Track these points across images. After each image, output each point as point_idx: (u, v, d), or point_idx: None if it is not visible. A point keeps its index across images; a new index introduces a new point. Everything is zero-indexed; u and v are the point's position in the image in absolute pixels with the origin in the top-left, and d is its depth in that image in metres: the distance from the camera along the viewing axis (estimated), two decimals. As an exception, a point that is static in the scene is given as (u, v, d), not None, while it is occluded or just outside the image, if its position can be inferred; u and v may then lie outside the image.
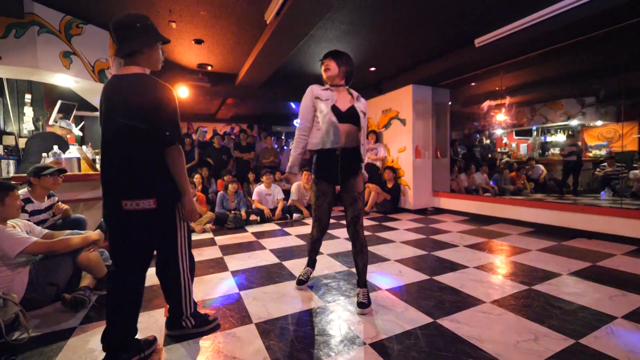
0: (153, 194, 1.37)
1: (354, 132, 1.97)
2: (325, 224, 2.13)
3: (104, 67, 3.70)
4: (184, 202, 1.47)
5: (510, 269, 2.64)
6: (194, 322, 1.68)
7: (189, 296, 1.64)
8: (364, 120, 2.01)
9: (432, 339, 1.61)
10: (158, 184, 1.39)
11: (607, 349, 1.50)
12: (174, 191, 1.45)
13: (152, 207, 1.36)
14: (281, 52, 4.22)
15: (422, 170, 5.70)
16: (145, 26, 1.43)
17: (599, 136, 9.47)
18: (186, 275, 1.60)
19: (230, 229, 4.42)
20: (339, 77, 2.01)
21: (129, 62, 1.44)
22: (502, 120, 6.14)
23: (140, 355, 1.46)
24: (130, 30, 1.40)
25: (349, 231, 2.00)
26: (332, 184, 2.05)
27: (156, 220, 1.42)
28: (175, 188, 1.45)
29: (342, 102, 1.99)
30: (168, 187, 1.43)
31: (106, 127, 1.39)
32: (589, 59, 5.14)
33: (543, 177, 7.71)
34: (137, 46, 1.41)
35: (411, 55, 4.83)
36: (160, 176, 1.40)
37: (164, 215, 1.45)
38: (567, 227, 3.83)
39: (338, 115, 1.93)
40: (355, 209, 1.97)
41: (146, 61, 1.47)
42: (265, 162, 6.70)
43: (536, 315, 1.83)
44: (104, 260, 2.33)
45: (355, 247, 1.98)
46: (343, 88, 2.05)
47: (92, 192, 3.23)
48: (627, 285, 2.25)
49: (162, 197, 1.40)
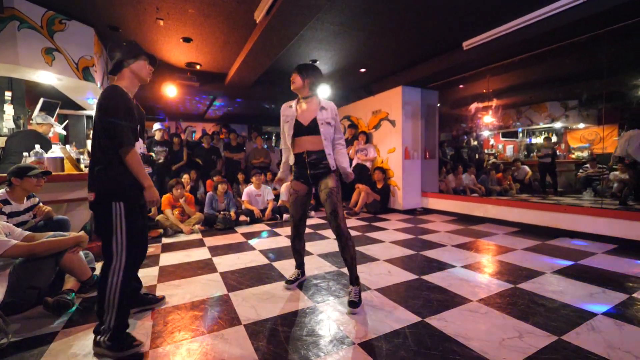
0: (94, 189, 1.55)
1: (317, 141, 2.09)
2: (298, 221, 2.21)
3: (89, 65, 3.61)
4: (145, 195, 1.63)
5: (496, 267, 2.70)
6: (109, 344, 1.49)
7: (113, 305, 1.50)
8: (328, 128, 2.10)
9: (421, 337, 1.63)
10: (99, 181, 1.55)
11: (588, 344, 1.55)
12: (117, 189, 1.56)
13: (91, 199, 1.55)
14: (271, 52, 4.20)
15: (411, 171, 5.76)
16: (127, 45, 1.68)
17: (581, 138, 9.77)
18: (116, 277, 1.51)
19: (219, 229, 4.37)
20: (304, 89, 2.13)
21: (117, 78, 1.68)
22: (489, 122, 6.28)
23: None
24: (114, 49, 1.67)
25: (332, 227, 2.04)
26: (305, 184, 2.17)
27: (97, 213, 1.58)
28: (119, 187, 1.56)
29: (306, 114, 2.12)
30: (109, 185, 1.55)
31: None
32: (572, 63, 5.31)
33: (528, 177, 7.91)
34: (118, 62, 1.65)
35: (401, 57, 4.88)
36: (103, 175, 1.55)
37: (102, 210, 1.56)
38: (550, 227, 3.94)
39: (299, 128, 2.11)
40: (331, 203, 2.02)
41: (132, 73, 1.68)
42: (255, 163, 6.65)
43: (521, 313, 1.87)
44: (89, 263, 2.27)
45: (340, 241, 2.01)
46: (311, 98, 2.16)
47: (76, 193, 3.14)
48: (607, 282, 2.33)
49: (100, 193, 1.55)
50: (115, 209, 1.54)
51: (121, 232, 1.54)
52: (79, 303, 2.08)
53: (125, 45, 1.67)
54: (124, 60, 1.65)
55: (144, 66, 1.71)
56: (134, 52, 1.67)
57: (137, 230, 1.60)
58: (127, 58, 1.66)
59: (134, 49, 1.68)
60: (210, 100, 7.69)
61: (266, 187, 5.23)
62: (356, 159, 6.11)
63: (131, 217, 1.57)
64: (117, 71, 1.68)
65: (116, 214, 1.54)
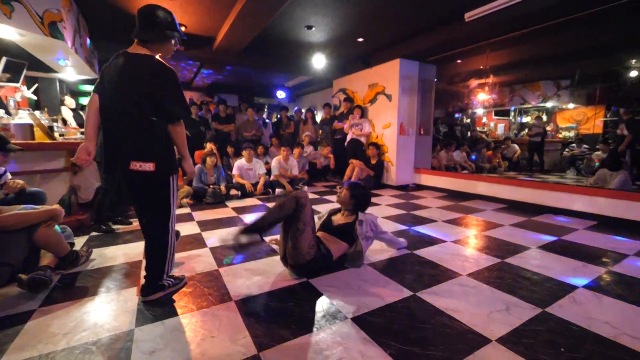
0: (152, 158, 1.58)
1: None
2: None
3: (56, 19, 3.22)
4: (185, 166, 1.78)
5: (485, 243, 2.75)
6: (173, 281, 1.77)
7: (172, 256, 1.74)
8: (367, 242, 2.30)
9: (413, 311, 1.65)
10: (157, 152, 1.60)
11: (570, 316, 1.61)
12: (170, 159, 1.65)
13: (151, 169, 1.58)
14: (263, 14, 3.92)
15: (405, 148, 5.72)
16: (165, 22, 1.62)
17: (569, 119, 9.86)
18: (172, 234, 1.72)
19: (209, 203, 4.29)
20: (349, 204, 2.33)
21: (142, 44, 1.62)
22: (486, 99, 6.21)
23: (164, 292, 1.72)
24: (153, 22, 1.60)
25: None
26: None
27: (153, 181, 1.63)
28: (172, 157, 1.67)
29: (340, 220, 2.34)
30: (166, 155, 1.63)
31: (112, 96, 1.58)
32: (571, 41, 5.19)
33: (517, 156, 8.03)
34: (156, 35, 1.61)
35: (400, 27, 4.66)
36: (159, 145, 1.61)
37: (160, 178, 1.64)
38: (536, 204, 4.03)
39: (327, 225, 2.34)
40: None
41: (157, 49, 1.66)
42: (247, 136, 6.47)
43: (508, 287, 1.92)
44: (67, 238, 2.17)
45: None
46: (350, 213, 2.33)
47: (50, 163, 2.95)
48: (587, 257, 2.41)
49: (159, 162, 1.60)
50: (172, 182, 1.67)
51: (174, 202, 1.70)
52: (58, 280, 2.00)
53: (163, 21, 1.61)
54: (158, 39, 1.63)
55: (171, 46, 1.71)
56: (170, 33, 1.63)
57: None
58: (162, 37, 1.63)
59: (171, 27, 1.64)
60: (197, 67, 7.28)
61: (258, 160, 5.11)
62: (351, 133, 6.01)
63: (177, 189, 1.75)
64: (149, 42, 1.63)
65: (173, 187, 1.67)
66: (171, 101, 1.59)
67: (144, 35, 1.60)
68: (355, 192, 2.28)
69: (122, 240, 2.81)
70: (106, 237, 2.89)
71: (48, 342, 1.42)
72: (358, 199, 2.28)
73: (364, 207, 2.33)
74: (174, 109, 1.60)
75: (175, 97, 1.60)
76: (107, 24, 4.73)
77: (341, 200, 2.31)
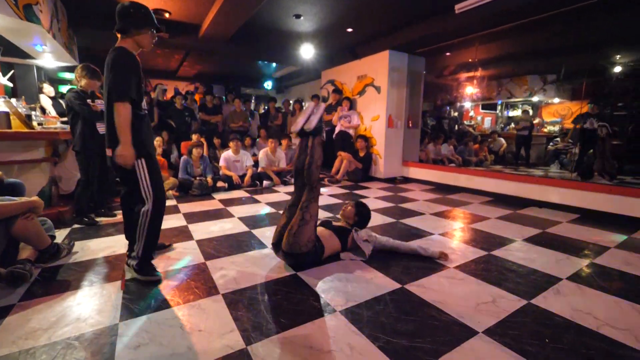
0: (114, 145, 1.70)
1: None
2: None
3: (31, 2, 3.04)
4: (117, 149, 1.69)
5: (472, 235, 2.79)
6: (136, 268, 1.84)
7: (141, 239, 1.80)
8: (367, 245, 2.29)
9: (400, 304, 1.65)
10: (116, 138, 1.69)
11: (554, 307, 1.64)
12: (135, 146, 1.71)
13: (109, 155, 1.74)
14: (250, 1, 3.79)
15: (393, 140, 5.72)
16: (138, 14, 1.74)
17: (554, 113, 10.07)
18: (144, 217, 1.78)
19: (195, 195, 4.20)
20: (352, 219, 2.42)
21: (123, 38, 1.75)
22: (474, 93, 6.25)
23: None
24: (124, 15, 1.72)
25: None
26: None
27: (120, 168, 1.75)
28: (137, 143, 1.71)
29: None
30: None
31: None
32: (559, 35, 5.25)
33: (503, 149, 8.16)
34: (125, 27, 1.72)
35: (390, 17, 4.60)
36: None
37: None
38: (521, 197, 4.11)
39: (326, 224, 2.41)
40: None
41: (134, 41, 1.76)
42: (233, 127, 6.34)
43: (494, 279, 1.95)
44: (47, 230, 2.08)
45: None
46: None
47: (29, 153, 2.83)
48: (571, 249, 2.48)
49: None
50: (138, 166, 1.73)
51: (146, 182, 1.77)
52: (39, 274, 1.93)
53: (133, 14, 1.72)
54: (128, 30, 1.72)
55: (147, 37, 1.79)
56: (140, 25, 1.74)
57: (158, 178, 1.82)
58: (132, 28, 1.73)
59: (140, 21, 1.74)
60: (182, 55, 7.05)
61: (245, 152, 5.02)
62: (339, 125, 5.96)
63: (152, 168, 1.78)
64: (120, 33, 1.74)
65: (139, 169, 1.74)
66: (108, 82, 1.67)
67: (117, 25, 1.73)
68: (361, 210, 2.40)
69: (106, 232, 2.72)
70: (89, 229, 2.79)
71: (28, 337, 1.36)
72: (361, 217, 2.39)
73: (364, 225, 2.42)
74: (109, 90, 1.67)
75: (112, 78, 1.66)
76: (86, 10, 4.51)
77: (345, 215, 2.40)
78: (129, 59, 1.70)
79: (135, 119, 1.71)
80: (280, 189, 4.66)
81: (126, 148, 1.68)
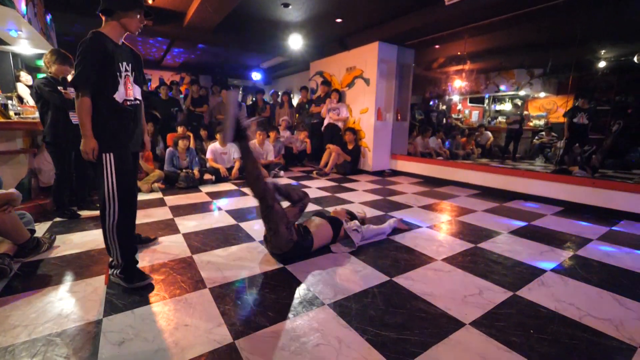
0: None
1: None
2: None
3: (2, -18, 2.87)
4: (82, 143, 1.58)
5: (459, 228, 2.83)
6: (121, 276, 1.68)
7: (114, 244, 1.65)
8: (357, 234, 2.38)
9: (389, 297, 1.66)
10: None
11: (539, 298, 1.68)
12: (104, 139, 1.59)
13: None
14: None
15: (382, 133, 5.72)
16: None
17: (540, 107, 10.26)
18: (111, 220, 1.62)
19: (181, 188, 4.11)
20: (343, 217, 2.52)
21: (106, 20, 1.63)
22: (462, 86, 6.29)
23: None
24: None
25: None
26: None
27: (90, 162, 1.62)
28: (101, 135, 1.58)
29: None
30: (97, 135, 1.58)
31: None
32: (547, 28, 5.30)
33: (489, 143, 8.29)
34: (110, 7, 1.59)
35: (380, 8, 4.53)
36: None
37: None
38: (507, 190, 4.19)
39: None
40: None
41: (120, 24, 1.63)
42: (220, 118, 6.20)
43: (480, 271, 1.98)
44: (26, 224, 2.00)
45: None
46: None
47: (5, 144, 2.70)
48: (555, 242, 2.54)
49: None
50: (104, 159, 1.59)
51: (111, 180, 1.61)
52: (18, 268, 1.85)
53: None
54: (113, 10, 1.59)
55: (134, 20, 1.64)
56: (127, 6, 1.61)
57: (126, 177, 1.66)
58: (119, 9, 1.60)
59: (129, 1, 1.61)
60: (167, 44, 6.82)
61: (232, 144, 4.92)
62: (328, 118, 5.91)
63: (121, 166, 1.63)
64: (104, 15, 1.62)
65: (106, 164, 1.60)
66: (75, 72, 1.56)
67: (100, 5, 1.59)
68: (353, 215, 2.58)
69: (89, 226, 2.63)
70: (71, 222, 2.69)
71: (7, 334, 1.31)
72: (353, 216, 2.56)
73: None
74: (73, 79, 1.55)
75: (75, 67, 1.55)
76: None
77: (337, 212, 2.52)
78: (94, 46, 1.54)
79: (106, 111, 1.59)
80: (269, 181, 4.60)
81: (85, 141, 1.56)
